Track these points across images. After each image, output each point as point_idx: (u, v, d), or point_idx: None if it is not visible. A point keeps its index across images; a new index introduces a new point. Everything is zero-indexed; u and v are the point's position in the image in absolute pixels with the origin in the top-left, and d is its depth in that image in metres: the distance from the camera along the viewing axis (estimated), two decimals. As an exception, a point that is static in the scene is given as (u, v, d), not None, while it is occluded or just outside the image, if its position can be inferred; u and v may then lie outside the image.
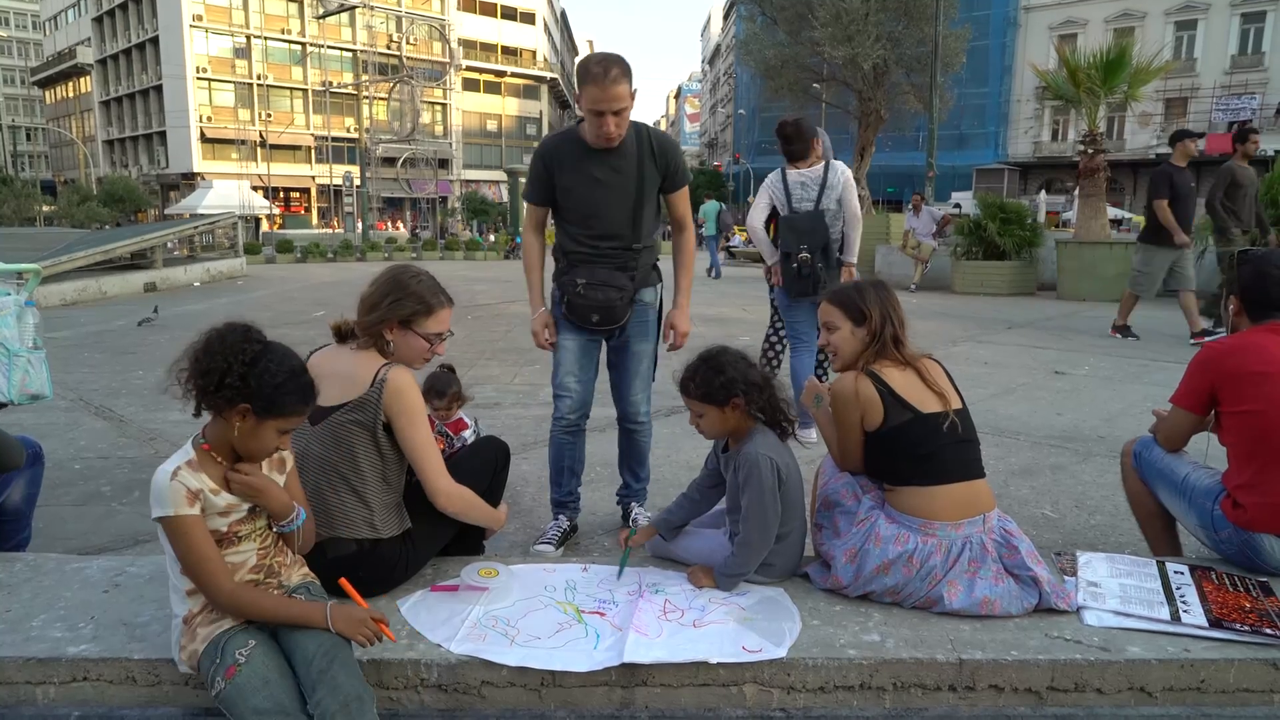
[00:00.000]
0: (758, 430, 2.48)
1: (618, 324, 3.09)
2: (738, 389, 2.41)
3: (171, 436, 4.70)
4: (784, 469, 2.43)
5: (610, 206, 3.00)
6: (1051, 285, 13.77)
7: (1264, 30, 36.54)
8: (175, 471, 1.86)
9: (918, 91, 22.56)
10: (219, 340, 1.88)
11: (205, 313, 11.13)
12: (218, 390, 1.85)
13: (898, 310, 2.50)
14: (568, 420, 3.22)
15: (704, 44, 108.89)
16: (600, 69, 2.74)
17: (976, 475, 2.40)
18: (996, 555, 2.31)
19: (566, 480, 3.28)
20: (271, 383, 1.86)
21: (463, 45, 56.63)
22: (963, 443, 2.39)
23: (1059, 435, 4.79)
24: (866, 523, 2.38)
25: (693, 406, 2.49)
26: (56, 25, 68.36)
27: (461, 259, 26.45)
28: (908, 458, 2.35)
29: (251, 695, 1.79)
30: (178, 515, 1.85)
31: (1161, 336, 8.76)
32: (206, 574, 1.88)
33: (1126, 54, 13.14)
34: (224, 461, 1.93)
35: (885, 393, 2.36)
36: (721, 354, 2.48)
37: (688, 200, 3.23)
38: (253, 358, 1.86)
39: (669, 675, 2.09)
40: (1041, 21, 41.17)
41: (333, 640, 1.89)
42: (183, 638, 1.94)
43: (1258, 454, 2.43)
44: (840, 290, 2.59)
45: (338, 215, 51.10)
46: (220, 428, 1.92)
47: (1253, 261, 2.56)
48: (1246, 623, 2.20)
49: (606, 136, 2.85)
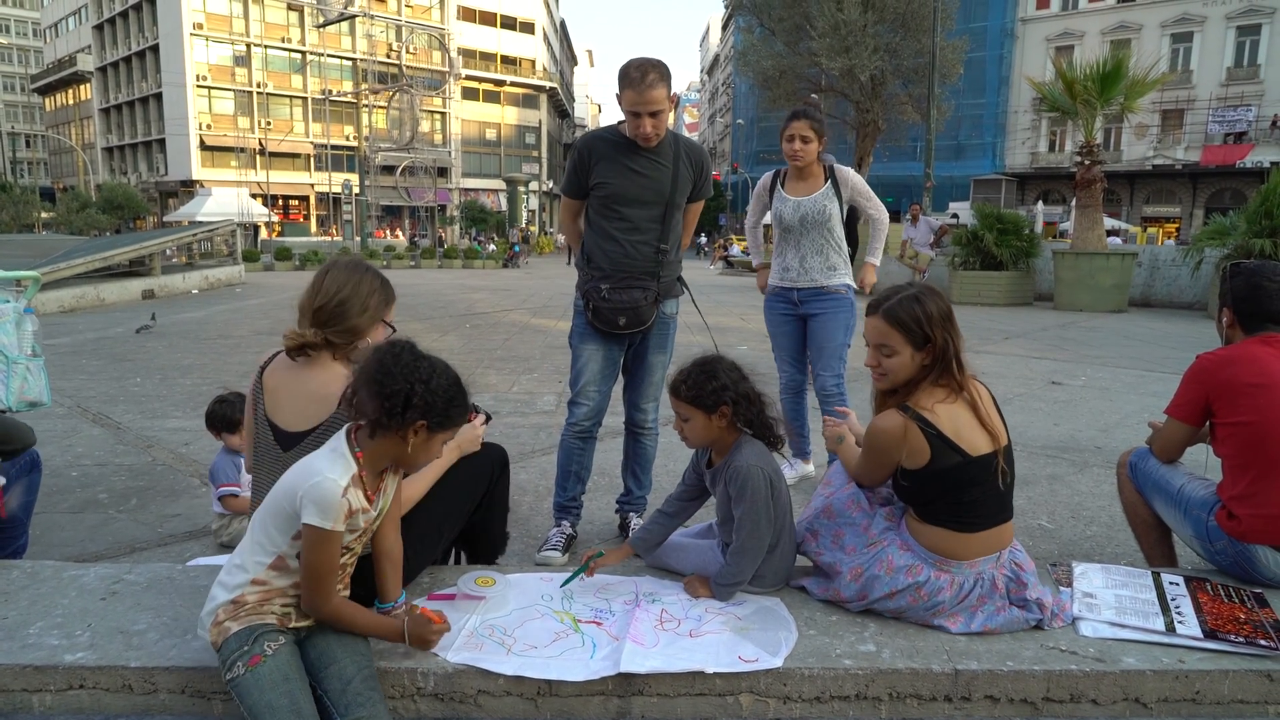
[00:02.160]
0: (745, 441, 2.46)
1: (644, 325, 3.14)
2: (727, 397, 2.39)
3: (169, 444, 4.70)
4: (775, 479, 2.42)
5: (643, 200, 3.09)
6: (1048, 296, 13.83)
7: (1259, 43, 36.72)
8: (346, 489, 1.88)
9: (915, 102, 22.69)
10: (394, 362, 1.90)
11: (203, 320, 11.13)
12: (405, 412, 1.87)
13: (957, 329, 2.29)
14: (582, 426, 3.25)
15: (703, 54, 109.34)
16: (639, 74, 2.89)
17: (1008, 518, 2.30)
18: (1005, 591, 2.27)
19: (572, 485, 3.30)
20: (445, 398, 1.92)
21: (462, 54, 56.73)
22: (1009, 486, 2.27)
23: (1055, 445, 4.81)
24: (878, 546, 2.32)
25: (680, 409, 2.46)
26: (57, 33, 68.48)
27: (460, 267, 26.48)
28: (948, 502, 2.22)
29: (269, 689, 1.81)
30: (333, 530, 1.87)
31: (1158, 347, 8.78)
32: (326, 585, 1.92)
33: (1123, 66, 13.24)
34: (365, 476, 1.95)
35: (933, 436, 2.18)
36: (716, 361, 2.47)
37: (698, 213, 3.35)
38: (426, 375, 1.90)
39: (665, 685, 2.09)
40: (1038, 33, 41.36)
41: (370, 668, 1.96)
42: (222, 612, 1.93)
43: (1252, 465, 2.43)
44: (900, 307, 2.27)
45: (336, 223, 51.16)
46: (388, 444, 1.94)
47: (1245, 274, 2.57)
48: (1241, 634, 2.21)
49: (644, 137, 2.98)
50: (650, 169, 3.07)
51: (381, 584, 2.12)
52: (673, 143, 3.11)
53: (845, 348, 3.97)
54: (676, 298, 3.32)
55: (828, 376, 3.95)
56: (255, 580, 1.93)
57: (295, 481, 1.90)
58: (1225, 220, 12.53)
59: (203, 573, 2.62)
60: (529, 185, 42.36)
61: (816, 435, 4.06)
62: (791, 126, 3.85)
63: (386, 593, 2.12)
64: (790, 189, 4.00)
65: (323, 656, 1.94)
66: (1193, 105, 37.96)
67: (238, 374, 6.64)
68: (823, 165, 3.97)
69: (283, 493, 1.91)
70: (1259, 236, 11.26)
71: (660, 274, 3.14)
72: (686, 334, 3.64)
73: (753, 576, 2.44)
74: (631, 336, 3.20)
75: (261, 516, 1.96)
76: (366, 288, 2.26)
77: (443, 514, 2.50)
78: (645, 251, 3.11)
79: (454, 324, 10.98)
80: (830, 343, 3.94)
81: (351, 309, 2.22)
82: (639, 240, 3.10)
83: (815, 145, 3.85)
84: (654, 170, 3.07)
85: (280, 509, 1.91)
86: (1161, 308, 13.54)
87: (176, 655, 2.12)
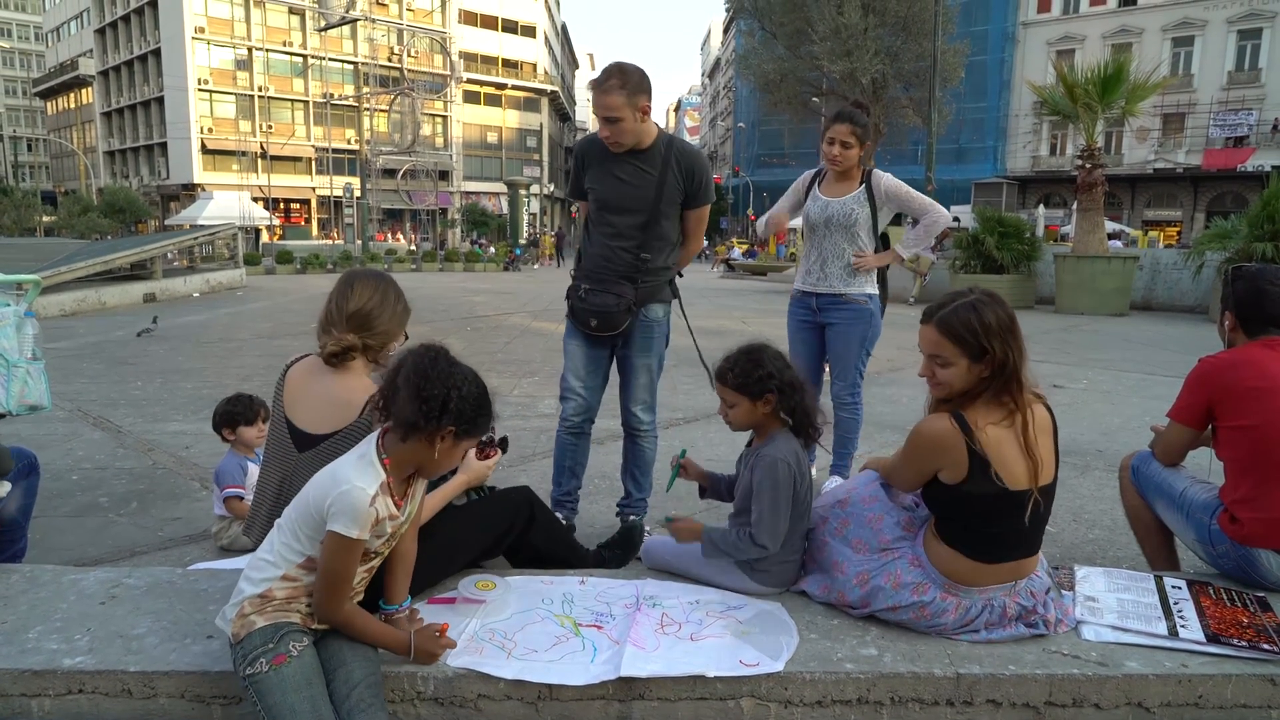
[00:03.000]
0: (781, 434, 2.47)
1: (615, 331, 3.14)
2: (773, 385, 2.42)
3: (169, 447, 4.70)
4: (800, 479, 2.43)
5: (625, 209, 3.08)
6: (1050, 299, 13.82)
7: (1260, 47, 36.75)
8: (374, 497, 1.88)
9: (916, 106, 22.72)
10: (432, 366, 1.90)
11: (205, 324, 11.14)
12: (440, 416, 1.87)
13: (1020, 341, 2.14)
14: (571, 421, 3.29)
15: (704, 58, 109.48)
16: (602, 76, 2.89)
17: (1033, 552, 2.25)
18: (1015, 616, 2.22)
19: (566, 480, 3.35)
20: (475, 406, 1.92)
21: (463, 58, 56.78)
22: (1039, 520, 2.20)
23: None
24: (889, 555, 2.29)
25: (726, 396, 2.49)
26: (59, 37, 68.62)
27: (461, 270, 26.50)
28: (972, 529, 2.17)
29: (293, 692, 1.81)
30: (357, 539, 1.87)
31: (1160, 350, 8.77)
32: (340, 591, 1.92)
33: (1124, 69, 13.25)
34: (393, 483, 1.95)
35: (976, 456, 2.09)
36: (762, 349, 2.49)
37: (705, 219, 3.29)
38: (460, 382, 1.90)
39: (666, 689, 2.08)
40: (1040, 37, 41.40)
41: (377, 675, 1.96)
42: (248, 605, 1.92)
43: (1255, 469, 2.43)
44: (954, 315, 2.14)
45: (338, 227, 51.10)
46: (416, 449, 1.93)
47: (1247, 277, 2.57)
48: (1244, 638, 2.20)
49: (607, 140, 2.97)
50: (634, 176, 3.05)
51: (390, 585, 2.12)
52: (664, 148, 3.05)
53: (864, 358, 3.92)
54: (666, 302, 3.27)
55: (842, 386, 3.92)
56: (286, 576, 1.94)
57: (325, 489, 1.90)
58: (1227, 224, 12.53)
59: (203, 577, 2.61)
60: (530, 189, 42.36)
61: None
62: (833, 129, 3.74)
63: (394, 594, 2.13)
64: (825, 189, 3.93)
65: (333, 658, 1.94)
66: (1194, 109, 37.98)
67: (239, 377, 6.64)
68: (861, 170, 3.86)
69: (312, 499, 1.92)
70: (1261, 240, 11.26)
71: (640, 280, 3.12)
72: (680, 337, 3.63)
73: (757, 573, 2.44)
74: (614, 339, 3.20)
75: (290, 521, 1.96)
76: (394, 295, 2.40)
77: (459, 542, 2.51)
78: (625, 258, 3.11)
79: (455, 327, 10.98)
80: (847, 354, 3.89)
81: (384, 314, 2.34)
82: (619, 246, 3.11)
83: (856, 151, 3.71)
84: (638, 177, 3.05)
85: (309, 516, 1.92)
86: (1163, 311, 13.54)
87: (176, 660, 2.11)
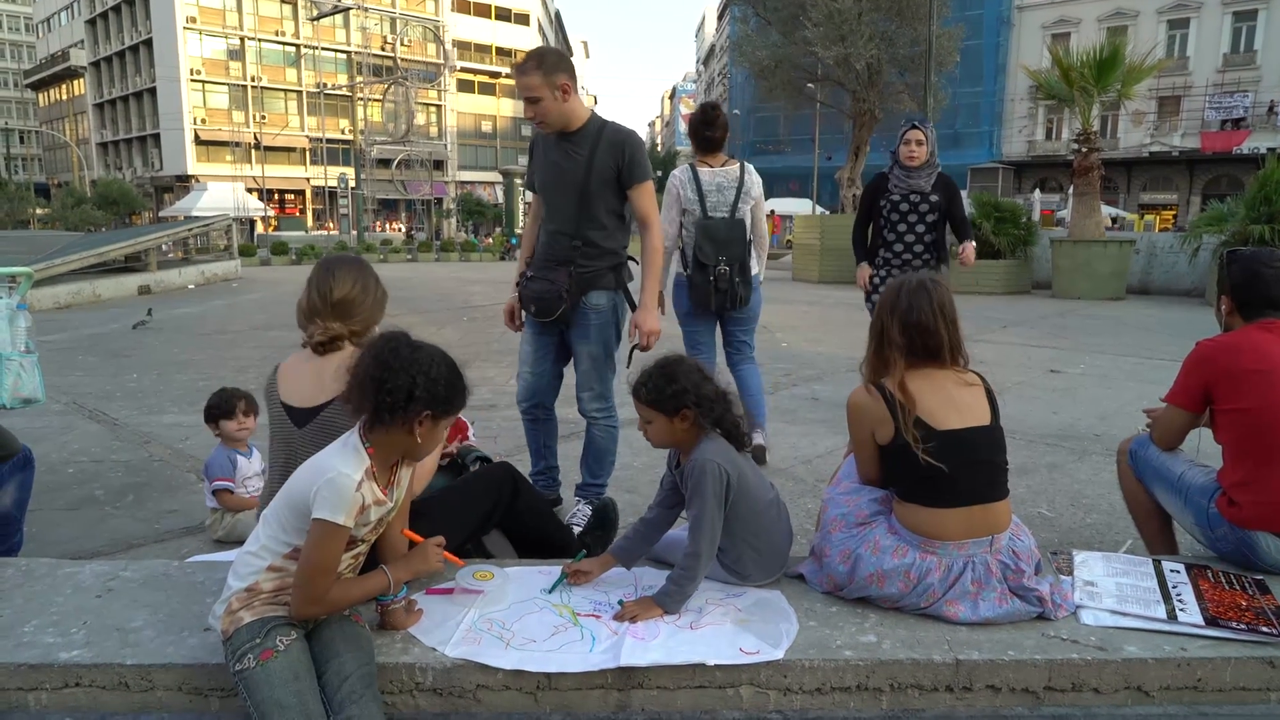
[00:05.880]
0: (708, 439, 2.38)
1: (551, 317, 3.15)
2: (688, 400, 2.33)
3: (165, 440, 4.69)
4: (734, 476, 2.34)
5: (558, 192, 3.12)
6: (1046, 284, 13.82)
7: (1255, 28, 36.62)
8: (360, 483, 1.87)
9: (912, 91, 22.62)
10: (393, 356, 1.89)
11: (200, 315, 11.10)
12: (407, 405, 1.86)
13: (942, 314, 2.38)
14: (522, 405, 3.37)
15: (698, 45, 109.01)
16: (523, 58, 2.99)
17: (995, 498, 2.29)
18: (1001, 576, 2.25)
19: (535, 460, 3.45)
20: (446, 385, 1.92)
21: (457, 46, 56.58)
22: (979, 463, 2.27)
23: (1055, 434, 4.80)
24: (867, 527, 2.34)
25: (641, 411, 2.42)
26: (50, 28, 68.11)
27: (457, 260, 26.44)
28: (922, 479, 2.24)
29: (280, 686, 1.80)
30: (342, 525, 1.86)
31: (1156, 334, 8.78)
32: (322, 582, 1.91)
33: (1119, 53, 13.19)
34: (377, 470, 1.94)
35: (893, 407, 2.27)
36: (677, 363, 2.41)
37: (651, 197, 3.18)
38: (425, 365, 1.89)
39: (665, 677, 2.08)
40: (1035, 20, 41.21)
41: (370, 667, 1.94)
42: (235, 600, 1.92)
43: (1253, 452, 2.43)
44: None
45: (333, 217, 51.04)
46: (396, 437, 1.93)
47: (1242, 260, 2.56)
48: (1243, 621, 2.20)
49: (531, 120, 3.03)
50: (565, 158, 3.06)
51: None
52: (596, 131, 3.04)
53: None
54: (611, 290, 3.18)
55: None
56: (272, 567, 1.93)
57: (310, 478, 1.89)
58: (1223, 206, 12.51)
59: (200, 569, 2.61)
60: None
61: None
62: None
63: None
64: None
65: (326, 649, 1.93)
66: (1189, 92, 37.89)
67: (234, 369, 6.61)
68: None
69: (297, 489, 1.91)
70: (1257, 223, 11.23)
71: (576, 266, 3.08)
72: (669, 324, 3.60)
73: (740, 575, 2.42)
74: (558, 325, 3.20)
75: (276, 511, 1.95)
76: (373, 281, 2.43)
77: (447, 524, 2.48)
78: (561, 242, 3.12)
79: (451, 317, 10.95)
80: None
81: (366, 301, 2.38)
82: (554, 230, 3.14)
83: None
84: (567, 160, 3.06)
85: (295, 505, 1.91)
86: (1159, 295, 13.53)
87: (173, 652, 2.11)
